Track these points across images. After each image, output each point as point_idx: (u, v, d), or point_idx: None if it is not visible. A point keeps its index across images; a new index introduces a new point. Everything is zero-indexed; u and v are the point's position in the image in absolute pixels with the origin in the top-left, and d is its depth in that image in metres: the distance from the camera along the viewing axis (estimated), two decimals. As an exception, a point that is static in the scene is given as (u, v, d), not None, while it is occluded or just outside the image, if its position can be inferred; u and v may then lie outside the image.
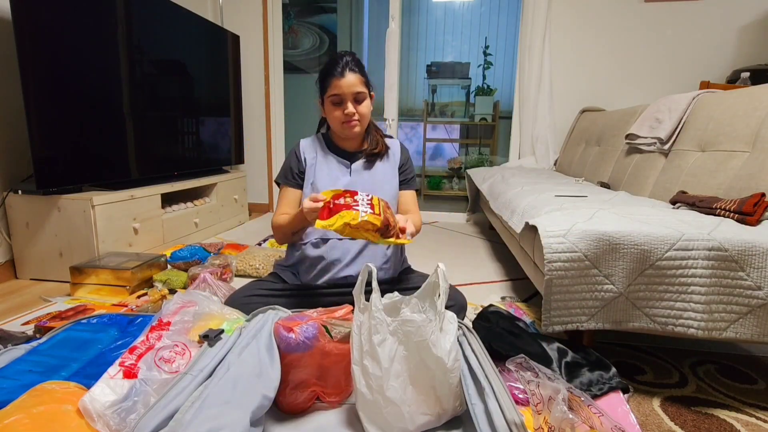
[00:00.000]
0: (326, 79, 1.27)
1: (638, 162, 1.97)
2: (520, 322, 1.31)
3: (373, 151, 1.36)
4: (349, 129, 1.29)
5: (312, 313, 1.00)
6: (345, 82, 1.24)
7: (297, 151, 1.39)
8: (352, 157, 1.38)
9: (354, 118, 1.27)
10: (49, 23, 1.70)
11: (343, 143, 1.38)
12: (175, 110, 2.49)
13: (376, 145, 1.37)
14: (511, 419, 0.76)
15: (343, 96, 1.25)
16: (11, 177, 1.86)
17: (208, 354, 0.92)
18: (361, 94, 1.27)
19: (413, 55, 4.54)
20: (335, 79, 1.24)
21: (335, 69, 1.25)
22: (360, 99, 1.27)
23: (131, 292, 1.62)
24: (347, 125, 1.28)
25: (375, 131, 1.41)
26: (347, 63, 1.25)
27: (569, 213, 1.26)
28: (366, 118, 1.31)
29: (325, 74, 1.27)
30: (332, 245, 1.28)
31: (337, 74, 1.24)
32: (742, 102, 1.52)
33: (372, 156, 1.37)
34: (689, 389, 1.13)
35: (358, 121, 1.28)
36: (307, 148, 1.39)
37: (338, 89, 1.24)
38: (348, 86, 1.24)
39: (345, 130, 1.29)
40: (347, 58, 1.26)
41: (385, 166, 1.39)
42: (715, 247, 1.03)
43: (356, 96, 1.26)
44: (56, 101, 1.74)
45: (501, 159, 3.77)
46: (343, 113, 1.26)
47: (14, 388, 0.86)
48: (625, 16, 2.90)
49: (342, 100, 1.25)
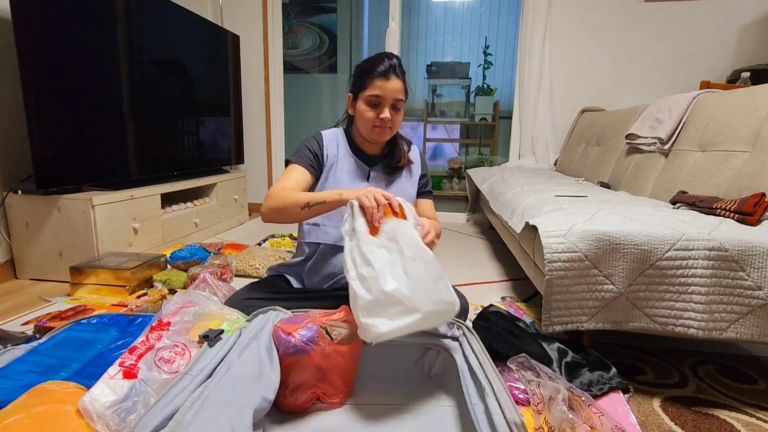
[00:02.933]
0: (367, 76, 1.19)
1: (638, 162, 1.97)
2: (521, 322, 1.31)
3: (396, 165, 1.31)
4: (379, 134, 1.23)
5: (313, 313, 1.00)
6: (390, 86, 1.17)
7: (320, 140, 1.30)
8: (371, 161, 1.32)
9: (387, 125, 1.21)
10: (49, 23, 1.69)
11: (364, 145, 1.32)
12: (175, 110, 2.49)
13: (400, 158, 1.32)
14: (511, 419, 0.76)
15: (384, 100, 1.18)
16: (11, 177, 1.86)
17: (208, 354, 0.92)
18: (400, 102, 1.21)
19: (413, 55, 4.54)
20: (379, 79, 1.17)
21: (380, 67, 1.17)
22: (398, 106, 1.22)
23: (131, 292, 1.62)
24: (378, 130, 1.22)
25: (401, 141, 1.34)
26: (395, 66, 1.18)
27: (569, 213, 1.26)
28: (397, 127, 1.26)
29: (366, 71, 1.19)
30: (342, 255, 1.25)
31: (382, 75, 1.17)
32: (742, 102, 1.52)
33: (396, 169, 1.32)
34: (689, 389, 1.13)
35: (390, 129, 1.23)
36: (330, 142, 1.30)
37: (380, 91, 1.17)
38: (391, 91, 1.18)
39: (374, 135, 1.23)
40: (395, 62, 1.19)
41: (408, 179, 1.35)
42: (716, 247, 1.03)
43: (395, 103, 1.20)
44: (56, 101, 1.74)
45: (501, 159, 3.77)
46: (378, 117, 1.19)
47: (14, 388, 0.86)
48: (625, 16, 2.90)
49: (380, 103, 1.19)
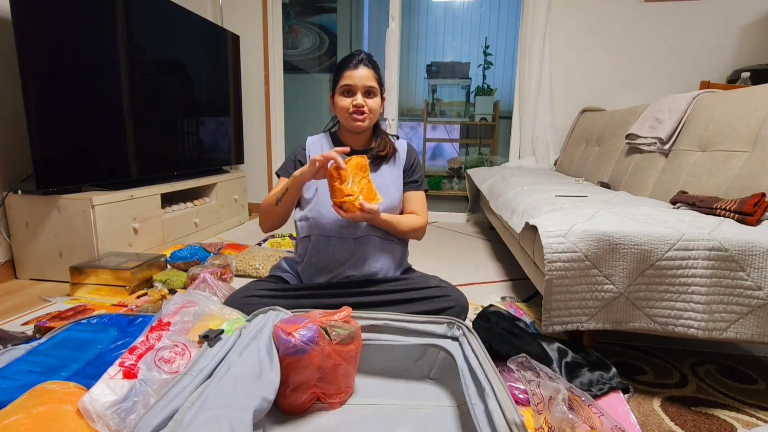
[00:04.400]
0: (339, 71, 1.29)
1: (638, 162, 1.97)
2: (520, 322, 1.31)
3: (379, 154, 1.35)
4: (356, 120, 1.28)
5: (313, 313, 1.00)
6: (358, 74, 1.26)
7: (303, 146, 1.39)
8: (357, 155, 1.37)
9: (362, 110, 1.27)
10: (49, 23, 1.69)
11: (350, 141, 1.36)
12: (174, 110, 2.49)
13: (383, 147, 1.36)
14: (511, 419, 0.76)
15: (354, 87, 1.26)
16: (11, 177, 1.86)
17: (207, 354, 0.92)
18: (372, 88, 1.28)
19: (413, 55, 4.53)
20: (348, 70, 1.26)
21: (350, 61, 1.27)
22: (372, 92, 1.28)
23: (131, 292, 1.62)
24: (355, 117, 1.28)
25: (386, 135, 1.40)
26: (363, 58, 1.28)
27: (569, 213, 1.26)
28: (375, 114, 1.31)
29: (339, 67, 1.30)
30: (336, 245, 1.27)
31: (351, 66, 1.26)
32: (743, 102, 1.52)
33: (378, 158, 1.35)
34: (689, 389, 1.13)
35: (367, 115, 1.28)
36: (314, 145, 1.38)
37: (350, 79, 1.26)
38: (360, 78, 1.26)
39: (351, 122, 1.29)
40: (363, 54, 1.29)
41: (391, 168, 1.38)
42: (716, 247, 1.03)
43: (367, 89, 1.27)
44: (56, 101, 1.74)
45: (501, 159, 3.77)
46: (352, 104, 1.26)
47: (14, 388, 0.86)
48: (625, 16, 2.90)
49: (352, 91, 1.27)
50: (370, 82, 1.27)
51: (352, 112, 1.27)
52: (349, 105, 1.27)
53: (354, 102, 1.26)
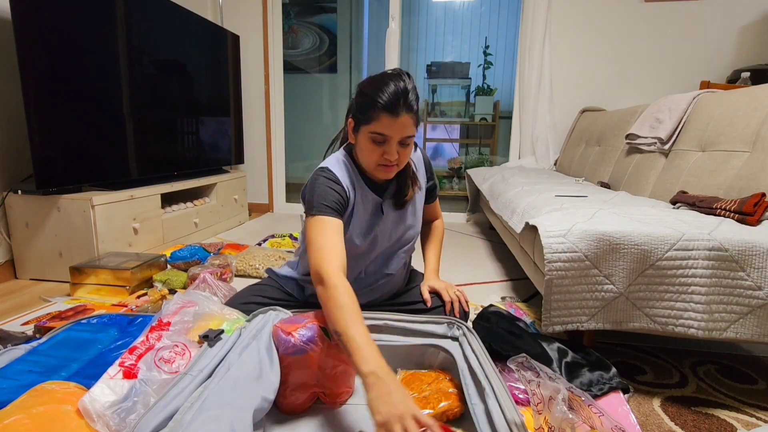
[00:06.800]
0: (372, 109, 0.98)
1: (638, 162, 1.97)
2: (520, 322, 1.31)
3: (404, 200, 1.15)
4: (383, 173, 1.06)
5: (312, 313, 1.00)
6: (397, 124, 0.97)
7: (338, 182, 1.07)
8: (381, 189, 1.15)
9: (393, 164, 1.03)
10: (49, 23, 1.69)
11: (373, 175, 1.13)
12: (174, 110, 2.49)
13: (408, 191, 1.15)
14: (511, 419, 0.76)
15: (389, 138, 0.99)
16: (11, 177, 1.86)
17: (207, 354, 0.92)
18: (409, 138, 1.02)
19: (413, 55, 4.53)
20: (386, 116, 0.97)
21: (389, 102, 0.96)
22: (407, 143, 1.02)
23: (131, 292, 1.62)
24: (382, 168, 1.04)
25: (410, 169, 1.16)
26: (406, 99, 0.97)
27: (569, 213, 1.26)
28: (405, 162, 1.08)
29: (373, 101, 0.97)
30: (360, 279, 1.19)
31: (389, 110, 0.96)
32: (743, 102, 1.52)
33: (402, 201, 1.17)
34: (689, 389, 1.13)
35: (396, 166, 1.05)
36: (346, 180, 1.09)
37: (386, 130, 0.98)
38: (399, 129, 0.98)
39: (377, 173, 1.07)
40: (408, 90, 0.97)
41: (414, 199, 1.20)
42: (716, 247, 1.03)
43: (404, 140, 1.01)
44: (56, 101, 1.74)
45: (501, 159, 3.77)
46: (382, 156, 1.01)
47: (14, 388, 0.86)
48: (625, 16, 2.90)
49: (385, 141, 1.00)
50: (409, 132, 1.00)
51: (380, 164, 1.04)
52: (378, 158, 1.02)
53: (386, 156, 1.01)
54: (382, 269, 1.21)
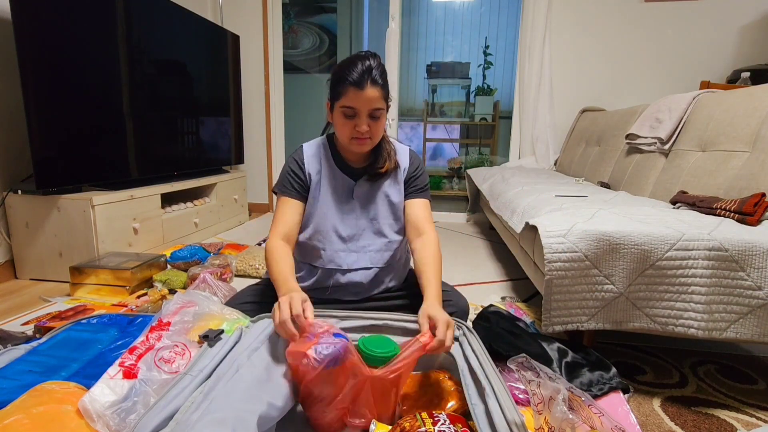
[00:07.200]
0: (341, 84, 1.06)
1: (638, 162, 1.97)
2: (520, 322, 1.31)
3: (378, 171, 1.20)
4: (357, 146, 1.13)
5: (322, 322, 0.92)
6: (364, 96, 1.05)
7: (300, 159, 1.20)
8: (356, 173, 1.21)
9: (365, 136, 1.10)
10: (49, 23, 1.69)
11: (349, 154, 1.22)
12: (174, 110, 2.49)
13: (383, 164, 1.20)
14: (511, 419, 0.76)
15: (358, 111, 1.07)
16: (11, 177, 1.86)
17: (207, 354, 0.91)
18: (378, 110, 1.08)
19: (413, 55, 4.54)
20: (352, 89, 1.04)
21: (354, 76, 1.04)
22: (376, 115, 1.09)
23: (131, 292, 1.62)
24: (356, 142, 1.11)
25: (387, 145, 1.22)
26: (370, 72, 1.05)
27: (569, 213, 1.26)
28: (378, 136, 1.14)
29: (340, 78, 1.07)
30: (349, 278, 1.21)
31: (355, 84, 1.04)
32: (742, 102, 1.52)
33: (377, 175, 1.21)
34: (689, 389, 1.13)
35: (369, 139, 1.12)
36: (311, 159, 1.20)
37: (353, 102, 1.06)
38: (366, 101, 1.06)
39: (352, 147, 1.13)
40: (371, 64, 1.05)
41: (390, 183, 1.23)
42: (716, 247, 1.03)
43: (372, 112, 1.08)
44: (56, 101, 1.74)
45: (501, 159, 3.77)
46: (354, 129, 1.09)
47: (14, 388, 0.86)
48: (625, 16, 2.90)
49: (355, 114, 1.07)
50: (376, 104, 1.07)
51: (353, 137, 1.11)
52: (350, 131, 1.10)
53: (357, 128, 1.08)
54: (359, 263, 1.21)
